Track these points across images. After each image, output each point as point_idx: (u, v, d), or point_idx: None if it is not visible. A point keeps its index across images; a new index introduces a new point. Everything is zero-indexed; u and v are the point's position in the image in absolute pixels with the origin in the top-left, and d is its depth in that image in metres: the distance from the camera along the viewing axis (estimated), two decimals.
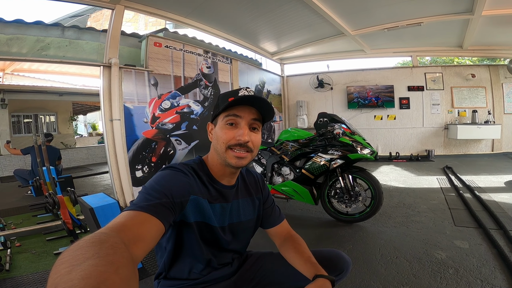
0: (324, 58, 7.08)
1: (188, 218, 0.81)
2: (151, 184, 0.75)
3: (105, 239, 0.45)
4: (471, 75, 6.21)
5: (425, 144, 6.59)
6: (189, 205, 0.79)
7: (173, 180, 0.77)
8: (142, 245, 0.56)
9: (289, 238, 1.01)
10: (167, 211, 0.69)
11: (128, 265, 0.41)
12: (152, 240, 0.61)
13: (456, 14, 4.22)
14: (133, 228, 0.57)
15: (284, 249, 0.99)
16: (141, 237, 0.57)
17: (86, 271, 0.35)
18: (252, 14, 4.26)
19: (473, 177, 4.29)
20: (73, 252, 0.40)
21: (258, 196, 1.03)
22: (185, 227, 0.83)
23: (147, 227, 0.61)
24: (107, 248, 0.42)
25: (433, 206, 3.07)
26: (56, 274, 0.36)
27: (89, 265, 0.36)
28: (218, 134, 0.84)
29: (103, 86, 3.20)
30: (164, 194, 0.71)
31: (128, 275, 0.39)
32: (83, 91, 8.25)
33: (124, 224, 0.57)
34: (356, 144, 2.62)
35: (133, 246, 0.53)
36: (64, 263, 0.37)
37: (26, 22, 3.15)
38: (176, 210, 0.73)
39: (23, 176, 4.38)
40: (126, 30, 3.98)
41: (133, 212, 0.63)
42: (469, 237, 2.23)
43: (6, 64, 5.77)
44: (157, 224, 0.64)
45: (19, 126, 7.65)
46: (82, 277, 0.34)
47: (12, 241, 2.43)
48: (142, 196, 0.71)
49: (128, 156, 3.41)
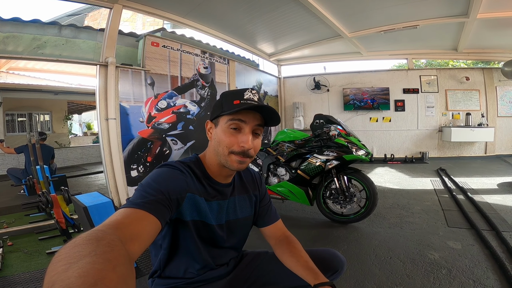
0: (321, 60, 7.11)
1: (184, 216, 0.81)
2: (147, 182, 0.74)
3: (102, 237, 0.44)
4: (465, 78, 6.29)
5: (419, 146, 6.65)
6: (185, 203, 0.79)
7: (170, 177, 0.77)
8: (139, 242, 0.56)
9: (285, 240, 1.00)
10: (163, 208, 0.68)
11: (125, 263, 0.41)
12: (149, 237, 0.61)
13: (452, 17, 4.27)
14: (129, 226, 0.57)
15: (280, 252, 0.97)
16: (138, 234, 0.57)
17: (84, 268, 0.35)
18: (250, 15, 4.27)
19: (466, 179, 4.34)
20: (70, 250, 0.39)
21: (255, 193, 1.03)
22: (181, 225, 0.83)
23: (144, 224, 0.61)
24: (104, 245, 0.42)
25: (426, 207, 3.10)
26: (53, 271, 0.35)
27: (86, 262, 0.36)
28: (221, 138, 0.83)
29: (99, 85, 3.18)
30: (160, 191, 0.71)
31: (125, 273, 0.39)
32: (78, 90, 8.17)
33: (121, 222, 0.57)
34: (351, 145, 2.64)
35: (129, 243, 0.52)
36: (61, 261, 0.37)
37: (23, 21, 3.12)
38: (172, 207, 0.72)
39: (16, 175, 4.33)
40: (124, 30, 3.96)
41: (129, 209, 0.63)
42: (462, 238, 2.26)
43: (2, 62, 5.70)
44: (154, 221, 0.64)
45: (13, 125, 7.55)
46: (79, 275, 0.34)
47: (4, 240, 2.41)
48: (139, 193, 0.70)
49: (123, 156, 3.39)
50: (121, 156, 3.36)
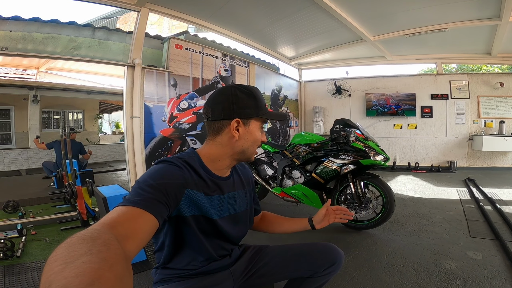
0: (343, 64, 6.99)
1: (183, 213, 0.81)
2: (144, 179, 0.73)
3: (97, 236, 0.45)
4: (499, 84, 5.90)
5: (447, 155, 6.32)
6: (184, 199, 0.79)
7: (167, 174, 0.77)
8: (135, 241, 0.57)
9: (263, 218, 1.22)
10: (161, 205, 0.68)
11: (121, 262, 0.41)
12: (146, 235, 0.61)
13: (482, 19, 4.06)
14: (125, 224, 0.57)
15: (264, 226, 1.20)
16: (134, 233, 0.57)
17: (80, 268, 0.35)
18: (270, 19, 4.32)
19: (496, 190, 4.07)
20: (66, 249, 0.40)
21: (249, 188, 1.07)
22: (182, 222, 0.83)
23: (140, 222, 0.61)
24: (99, 245, 0.42)
25: (449, 217, 2.96)
26: (49, 271, 0.36)
27: (82, 262, 0.36)
28: (256, 135, 0.92)
29: (126, 85, 3.37)
30: (157, 188, 0.70)
31: (122, 271, 0.39)
32: (109, 91, 8.64)
33: (116, 220, 0.57)
34: (369, 150, 2.58)
35: (125, 242, 0.53)
36: (57, 261, 0.37)
37: (61, 22, 3.32)
38: (170, 204, 0.73)
39: (49, 168, 4.67)
40: (150, 32, 4.17)
41: (125, 207, 0.63)
42: (484, 249, 2.14)
43: (41, 62, 6.15)
44: (151, 219, 0.64)
45: (48, 122, 8.13)
46: (76, 274, 0.34)
47: (29, 229, 2.55)
48: (135, 191, 0.69)
49: (145, 153, 3.55)
50: (143, 153, 3.52)
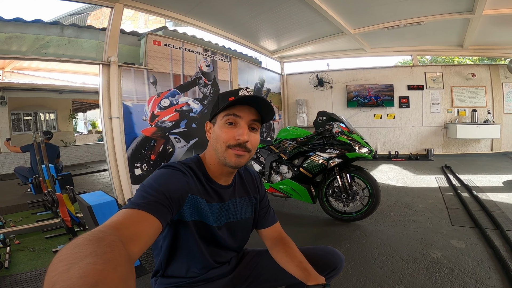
0: (324, 57, 7.06)
1: (185, 217, 0.82)
2: (149, 182, 0.74)
3: (103, 237, 0.45)
4: (471, 75, 6.20)
5: (424, 143, 6.60)
6: (186, 204, 0.80)
7: (171, 178, 0.77)
8: (139, 243, 0.57)
9: (281, 241, 1.01)
10: (164, 209, 0.69)
11: (125, 264, 0.41)
12: (150, 238, 0.61)
13: (457, 13, 4.20)
14: (130, 226, 0.57)
15: (275, 251, 0.99)
16: (138, 235, 0.58)
17: (84, 269, 0.35)
18: (252, 12, 4.24)
19: (472, 177, 4.30)
20: (71, 250, 0.40)
21: (255, 194, 1.03)
22: (182, 226, 0.83)
23: (145, 225, 0.62)
24: (104, 246, 0.42)
25: (430, 205, 3.08)
26: (54, 272, 0.36)
27: (87, 263, 0.36)
28: (218, 134, 0.84)
29: (102, 84, 3.20)
30: (162, 192, 0.71)
31: (125, 273, 0.39)
32: (83, 89, 8.26)
33: (122, 222, 0.58)
34: (354, 143, 2.62)
35: (130, 244, 0.53)
36: (62, 261, 0.37)
37: (25, 21, 3.13)
38: (173, 208, 0.73)
39: (23, 174, 4.40)
40: (126, 29, 3.97)
41: (130, 210, 0.63)
42: (466, 237, 2.24)
43: (6, 63, 5.78)
44: (155, 222, 0.64)
45: (18, 124, 7.66)
46: (80, 275, 0.34)
47: (11, 239, 2.44)
48: (140, 194, 0.70)
49: (127, 154, 3.42)
50: (125, 154, 3.38)
